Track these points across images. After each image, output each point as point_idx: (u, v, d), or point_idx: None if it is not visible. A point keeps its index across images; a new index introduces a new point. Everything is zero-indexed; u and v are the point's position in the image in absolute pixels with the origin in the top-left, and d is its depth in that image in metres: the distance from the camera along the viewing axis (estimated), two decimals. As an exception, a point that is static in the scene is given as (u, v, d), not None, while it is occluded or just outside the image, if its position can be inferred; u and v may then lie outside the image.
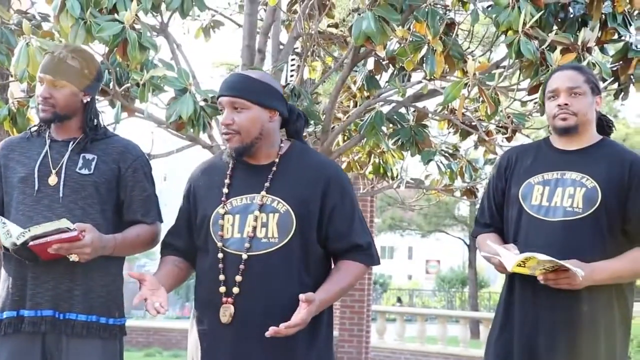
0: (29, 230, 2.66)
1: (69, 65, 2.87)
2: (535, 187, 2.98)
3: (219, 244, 2.62)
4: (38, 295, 2.79)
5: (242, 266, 2.58)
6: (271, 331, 2.46)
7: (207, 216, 2.68)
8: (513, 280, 2.96)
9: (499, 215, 3.10)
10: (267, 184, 2.63)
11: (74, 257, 2.70)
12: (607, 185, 2.90)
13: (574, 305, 2.85)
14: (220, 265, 2.60)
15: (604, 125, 3.14)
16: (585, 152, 2.99)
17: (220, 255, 2.61)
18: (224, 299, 2.59)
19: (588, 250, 2.86)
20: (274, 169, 2.66)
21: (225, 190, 2.67)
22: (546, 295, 2.86)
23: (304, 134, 4.71)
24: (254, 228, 2.59)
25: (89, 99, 2.94)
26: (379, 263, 2.75)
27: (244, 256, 2.58)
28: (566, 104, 2.95)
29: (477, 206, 3.30)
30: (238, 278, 2.57)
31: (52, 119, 2.88)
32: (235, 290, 2.58)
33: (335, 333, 10.74)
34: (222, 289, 2.59)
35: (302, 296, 2.48)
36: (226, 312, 2.58)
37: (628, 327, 2.98)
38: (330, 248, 2.67)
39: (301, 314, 2.48)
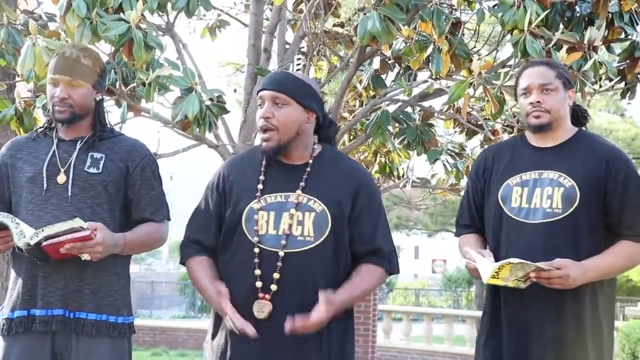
0: (43, 230, 2.66)
1: (83, 64, 2.88)
2: (514, 188, 2.95)
3: (255, 239, 2.61)
4: (49, 294, 2.79)
5: (279, 263, 2.58)
6: (288, 327, 2.49)
7: (240, 211, 2.66)
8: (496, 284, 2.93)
9: (478, 216, 3.08)
10: (302, 184, 2.64)
11: (85, 256, 2.71)
12: (585, 182, 2.87)
13: (560, 305, 2.84)
14: (256, 260, 2.59)
15: (579, 116, 3.11)
16: (561, 149, 2.97)
17: (256, 250, 2.60)
18: (260, 294, 2.58)
19: (570, 249, 2.83)
20: (308, 169, 2.68)
21: (260, 186, 2.67)
22: (531, 298, 2.84)
23: None
24: (290, 226, 2.60)
25: (100, 97, 2.96)
26: (398, 271, 2.74)
27: (281, 253, 2.58)
28: (539, 102, 2.93)
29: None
30: (276, 275, 2.57)
31: (71, 119, 2.88)
32: (274, 287, 2.57)
33: (342, 332, 10.72)
34: (259, 284, 2.58)
35: (322, 294, 2.51)
36: (264, 309, 2.57)
37: (613, 324, 2.97)
38: (353, 249, 2.68)
39: (320, 314, 2.51)
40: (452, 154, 5.23)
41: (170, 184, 2.84)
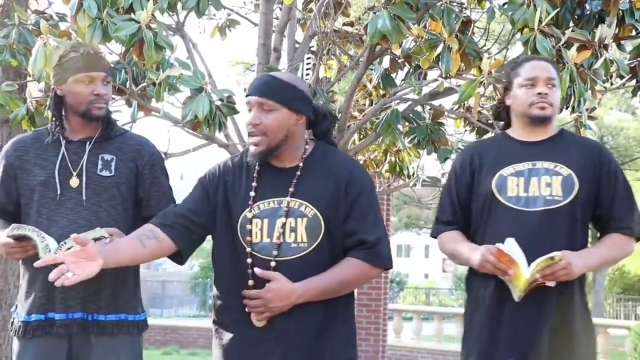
0: (65, 243, 2.67)
1: (106, 61, 2.97)
2: (509, 178, 2.96)
3: (248, 249, 2.60)
4: (69, 298, 2.81)
5: None
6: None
7: (234, 218, 2.65)
8: (477, 280, 2.98)
9: (462, 213, 3.07)
10: (291, 189, 2.62)
11: None
12: (582, 172, 2.93)
13: (553, 297, 2.87)
14: (250, 271, 2.58)
15: None
16: (550, 142, 3.02)
17: (249, 260, 2.59)
18: None
19: (568, 237, 2.88)
20: (298, 173, 2.65)
21: (252, 193, 2.65)
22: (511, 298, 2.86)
23: None
24: (281, 234, 2.57)
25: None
26: (387, 264, 2.66)
27: (272, 263, 2.57)
28: (546, 93, 2.98)
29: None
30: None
31: (106, 116, 2.93)
32: None
33: (352, 331, 10.72)
34: None
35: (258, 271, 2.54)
36: (261, 316, 2.57)
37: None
38: (343, 244, 2.64)
39: (277, 282, 2.53)
40: (463, 152, 5.21)
41: (181, 184, 2.85)
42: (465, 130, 5.23)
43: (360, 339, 10.74)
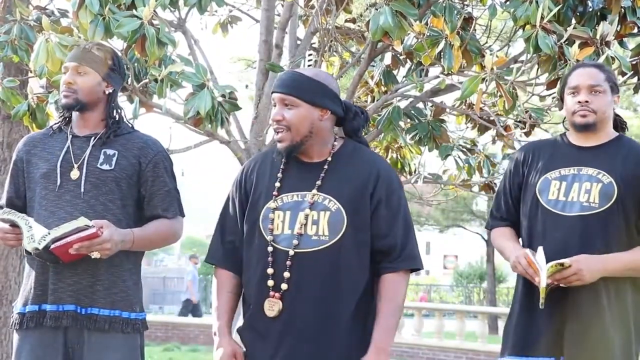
0: (49, 234, 2.68)
1: (93, 54, 2.94)
2: (552, 182, 3.03)
3: (269, 238, 2.63)
4: (60, 290, 2.82)
5: (289, 262, 2.59)
6: None
7: (257, 209, 2.69)
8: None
9: (514, 210, 3.15)
10: (318, 182, 2.64)
11: (95, 255, 2.73)
12: (623, 181, 2.96)
13: (590, 297, 2.90)
14: (270, 259, 2.61)
15: (617, 125, 3.21)
16: (601, 149, 3.05)
17: (270, 248, 2.62)
18: (271, 293, 2.60)
19: (602, 244, 2.91)
20: (326, 167, 2.67)
21: (277, 184, 2.68)
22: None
23: None
24: (303, 225, 2.60)
25: (111, 90, 2.98)
26: (421, 266, 2.72)
27: (291, 252, 2.59)
28: (587, 101, 3.00)
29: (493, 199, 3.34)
30: (286, 274, 2.58)
31: (74, 105, 2.91)
32: (284, 286, 2.59)
33: (353, 328, 10.72)
34: (270, 283, 2.61)
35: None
36: (274, 307, 2.59)
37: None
38: (370, 245, 2.66)
39: None
40: (464, 149, 5.21)
41: (182, 180, 2.85)
42: (467, 127, 5.23)
43: (361, 335, 10.73)
